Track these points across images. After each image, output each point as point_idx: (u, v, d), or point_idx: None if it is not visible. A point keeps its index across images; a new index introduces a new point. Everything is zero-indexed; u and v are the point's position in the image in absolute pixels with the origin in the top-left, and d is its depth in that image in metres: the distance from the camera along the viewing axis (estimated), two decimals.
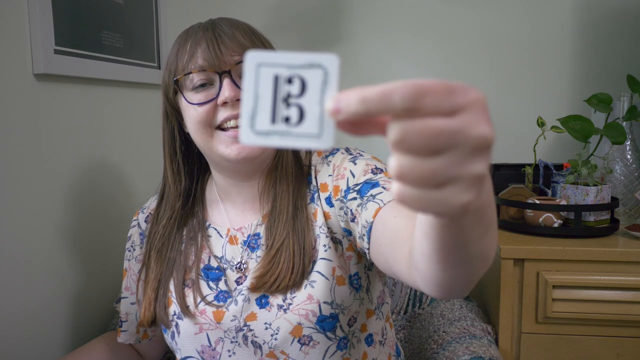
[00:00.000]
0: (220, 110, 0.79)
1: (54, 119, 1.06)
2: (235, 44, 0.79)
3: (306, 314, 0.78)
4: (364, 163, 0.82)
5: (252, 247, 0.85)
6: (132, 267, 0.95)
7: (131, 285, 0.95)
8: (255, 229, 0.86)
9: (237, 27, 0.82)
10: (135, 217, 0.97)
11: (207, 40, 0.79)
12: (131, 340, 0.96)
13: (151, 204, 0.96)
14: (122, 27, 1.28)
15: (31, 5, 0.98)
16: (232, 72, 0.79)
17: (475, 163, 0.35)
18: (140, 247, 0.94)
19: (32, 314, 1.01)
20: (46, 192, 1.04)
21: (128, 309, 0.95)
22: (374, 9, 1.73)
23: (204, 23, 0.83)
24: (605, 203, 1.28)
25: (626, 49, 1.65)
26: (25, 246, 0.99)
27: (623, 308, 1.17)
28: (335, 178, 0.83)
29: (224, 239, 0.87)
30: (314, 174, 0.87)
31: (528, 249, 1.20)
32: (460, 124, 0.34)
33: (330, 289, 0.80)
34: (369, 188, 0.77)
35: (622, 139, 1.35)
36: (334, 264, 0.81)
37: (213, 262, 0.86)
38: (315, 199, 0.84)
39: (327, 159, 0.87)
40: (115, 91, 1.27)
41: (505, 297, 1.21)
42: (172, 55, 0.83)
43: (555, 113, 1.57)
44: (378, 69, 1.75)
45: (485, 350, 1.11)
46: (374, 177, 0.79)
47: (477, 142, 0.34)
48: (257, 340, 0.80)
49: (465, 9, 1.70)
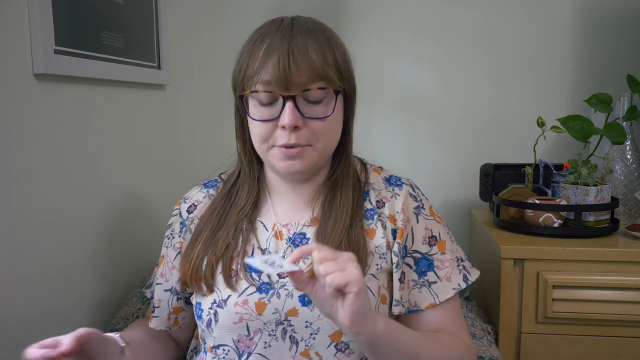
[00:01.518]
0: (278, 131, 0.81)
1: (54, 119, 1.06)
2: (307, 65, 0.78)
3: None
4: (423, 225, 0.90)
5: (296, 244, 0.88)
6: (169, 254, 0.95)
7: (166, 273, 0.95)
8: (302, 228, 0.88)
9: (314, 40, 0.80)
10: (177, 207, 0.97)
11: (279, 56, 0.77)
12: (162, 327, 0.96)
13: (194, 194, 0.97)
14: (122, 27, 1.28)
15: (31, 5, 0.98)
16: (296, 98, 0.79)
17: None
18: (179, 235, 0.95)
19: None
20: (46, 192, 1.04)
21: (161, 295, 0.95)
22: (374, 9, 1.73)
23: (283, 26, 0.81)
24: (605, 203, 1.28)
25: (626, 49, 1.65)
26: (25, 246, 0.99)
27: (623, 308, 1.17)
28: (403, 223, 0.88)
29: (270, 232, 0.89)
30: (373, 194, 0.91)
31: (528, 249, 1.20)
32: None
33: (375, 305, 0.84)
34: (426, 266, 0.88)
35: (622, 139, 1.35)
36: (380, 283, 0.86)
37: (257, 254, 0.88)
38: (374, 218, 0.88)
39: (391, 186, 0.92)
40: (115, 91, 1.27)
41: (505, 297, 1.21)
42: (245, 53, 0.83)
43: (555, 113, 1.57)
44: (378, 69, 1.75)
45: (485, 350, 1.11)
46: (430, 251, 0.89)
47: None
48: (295, 336, 0.81)
49: (465, 9, 1.70)
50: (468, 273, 0.90)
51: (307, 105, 0.80)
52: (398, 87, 1.75)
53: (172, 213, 0.98)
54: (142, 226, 1.39)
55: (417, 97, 1.75)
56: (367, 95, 1.73)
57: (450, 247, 0.91)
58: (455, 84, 1.73)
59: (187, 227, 0.94)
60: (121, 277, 1.29)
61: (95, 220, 1.19)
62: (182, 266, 0.89)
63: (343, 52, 0.86)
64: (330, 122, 0.83)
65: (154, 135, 1.46)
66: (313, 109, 0.81)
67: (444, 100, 1.74)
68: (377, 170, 0.95)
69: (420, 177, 1.78)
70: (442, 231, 0.91)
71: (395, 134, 1.77)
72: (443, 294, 0.87)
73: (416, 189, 0.94)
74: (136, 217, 1.37)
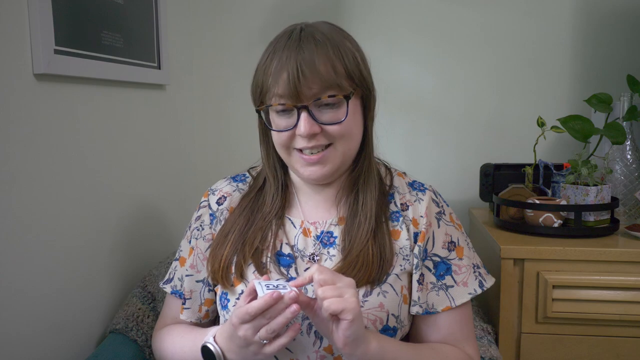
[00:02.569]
0: (298, 138, 0.85)
1: (54, 119, 1.06)
2: (316, 77, 0.80)
3: (375, 319, 0.84)
4: (444, 231, 0.93)
5: (324, 242, 0.90)
6: (199, 245, 0.97)
7: (197, 264, 0.96)
8: (329, 227, 0.92)
9: (321, 50, 0.82)
10: (205, 198, 0.99)
11: (288, 71, 0.80)
12: (193, 318, 0.97)
13: (223, 186, 1.00)
14: (122, 27, 1.28)
15: (31, 5, 0.98)
16: (309, 107, 0.82)
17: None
18: (210, 227, 0.97)
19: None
20: (46, 192, 1.04)
21: (193, 286, 0.97)
22: (374, 9, 1.73)
23: (290, 41, 0.83)
24: (605, 203, 1.28)
25: (626, 49, 1.65)
26: (25, 246, 0.99)
27: (623, 308, 1.17)
28: (425, 226, 0.92)
29: (298, 229, 0.92)
30: (398, 196, 0.94)
31: (528, 249, 1.20)
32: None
33: (398, 304, 0.87)
34: (444, 270, 0.92)
35: (622, 139, 1.35)
36: (403, 284, 0.89)
37: (285, 249, 0.91)
38: (400, 220, 0.92)
39: (415, 191, 0.96)
40: (115, 91, 1.27)
41: (505, 297, 1.21)
42: (260, 68, 0.86)
43: (555, 113, 1.57)
44: (378, 69, 1.74)
45: (485, 350, 1.11)
46: (449, 255, 0.93)
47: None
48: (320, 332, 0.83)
49: (465, 9, 1.70)
50: (484, 280, 0.94)
51: (322, 112, 0.83)
52: (398, 87, 1.75)
53: (200, 205, 1.00)
54: (141, 226, 1.39)
55: (417, 97, 1.75)
56: None
57: (467, 254, 0.94)
58: (455, 84, 1.73)
59: (218, 218, 0.96)
60: (121, 277, 1.29)
61: (95, 220, 1.19)
62: (211, 265, 0.92)
63: (353, 56, 0.86)
64: (348, 125, 0.85)
65: (154, 135, 1.46)
66: (328, 115, 0.83)
67: (444, 100, 1.74)
68: (401, 175, 0.99)
69: (421, 177, 1.77)
70: (460, 238, 0.95)
71: (395, 133, 1.77)
72: (459, 298, 0.91)
73: (438, 196, 0.98)
74: (136, 217, 1.37)
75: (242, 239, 0.91)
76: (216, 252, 0.92)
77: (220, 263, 0.89)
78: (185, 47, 1.69)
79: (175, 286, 0.99)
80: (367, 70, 0.90)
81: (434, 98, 1.74)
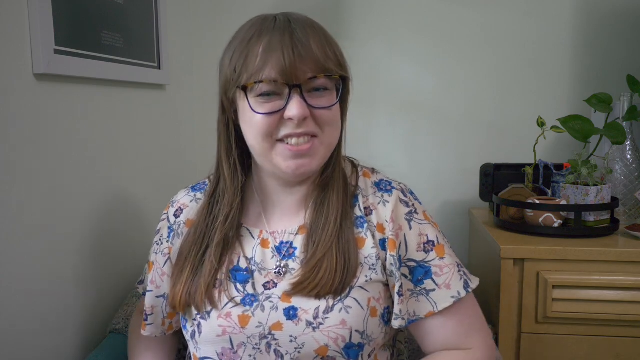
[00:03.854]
0: (283, 123, 0.78)
1: (54, 119, 1.06)
2: (311, 56, 0.77)
3: (336, 337, 0.79)
4: (417, 232, 0.86)
5: (282, 254, 0.85)
6: (158, 260, 0.93)
7: (156, 279, 0.92)
8: (289, 237, 0.86)
9: (313, 34, 0.79)
10: (166, 211, 0.95)
11: (282, 49, 0.76)
12: (157, 333, 0.94)
13: (181, 197, 0.95)
14: (122, 27, 1.28)
15: (31, 5, 0.98)
16: (302, 87, 0.77)
17: None
18: (168, 241, 0.92)
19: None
20: (46, 192, 1.04)
21: (154, 302, 0.92)
22: (374, 9, 1.73)
23: (279, 22, 0.79)
24: (605, 203, 1.28)
25: (626, 49, 1.65)
26: (25, 246, 0.99)
27: (623, 308, 1.17)
28: (393, 232, 0.84)
29: (256, 240, 0.87)
30: (361, 199, 0.88)
31: (528, 249, 1.20)
32: None
33: (364, 319, 0.81)
34: (422, 274, 0.84)
35: (622, 139, 1.35)
36: (370, 295, 0.82)
37: (242, 263, 0.86)
38: (364, 227, 0.85)
39: (380, 192, 0.88)
40: (115, 91, 1.27)
41: (505, 297, 1.21)
42: (239, 51, 0.79)
43: (555, 113, 1.57)
44: (378, 69, 1.75)
45: None
46: (427, 257, 0.85)
47: None
48: (280, 350, 0.80)
49: (465, 9, 1.70)
50: (469, 279, 0.87)
51: (312, 96, 0.79)
52: (398, 87, 1.75)
53: (161, 218, 0.95)
54: (141, 226, 1.39)
55: (417, 97, 1.75)
56: (367, 95, 1.75)
57: (449, 252, 0.87)
58: (455, 84, 1.73)
59: (175, 231, 0.92)
60: (121, 277, 1.29)
61: (95, 220, 1.19)
62: (171, 292, 0.87)
63: (339, 47, 0.84)
64: (335, 113, 0.82)
65: (154, 135, 1.46)
66: (318, 99, 0.79)
67: (444, 100, 1.74)
68: (367, 174, 0.92)
69: (420, 177, 1.79)
70: (438, 235, 0.87)
71: (395, 134, 1.77)
72: (442, 303, 0.83)
73: (408, 194, 0.90)
74: (136, 217, 1.37)
75: (200, 260, 0.85)
76: (176, 280, 0.86)
77: (180, 292, 0.85)
78: (185, 47, 1.69)
79: (146, 287, 0.96)
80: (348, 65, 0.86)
81: (434, 98, 1.74)
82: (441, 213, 1.77)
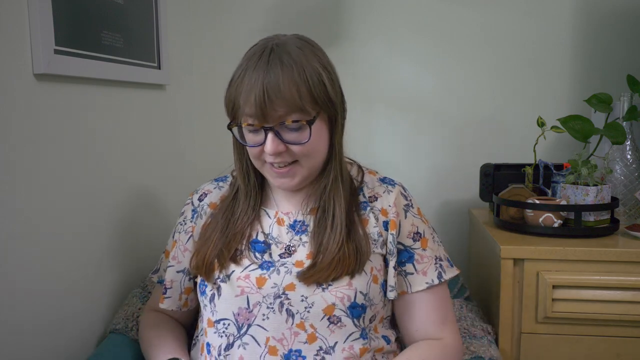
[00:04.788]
0: (266, 154, 0.89)
1: (54, 119, 1.06)
2: (281, 100, 0.84)
3: (342, 297, 0.89)
4: (410, 222, 0.99)
5: (297, 231, 0.96)
6: (181, 238, 1.04)
7: (178, 255, 1.03)
8: (302, 217, 0.97)
9: (285, 77, 0.85)
10: (190, 197, 1.07)
11: (255, 94, 0.84)
12: (173, 307, 1.03)
13: (205, 185, 1.08)
14: (122, 27, 1.28)
15: (31, 5, 0.98)
16: (275, 127, 0.87)
17: None
18: (191, 220, 1.04)
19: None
20: (46, 192, 1.04)
21: (174, 276, 1.03)
22: (374, 9, 1.73)
23: (260, 62, 0.86)
24: (605, 203, 1.28)
25: (626, 49, 1.65)
26: (26, 247, 0.99)
27: (623, 308, 1.17)
28: (394, 215, 0.97)
29: (272, 219, 0.99)
30: (366, 190, 1.00)
31: (528, 249, 1.20)
32: None
33: (367, 282, 0.92)
34: (406, 258, 0.97)
35: (622, 139, 1.35)
36: (372, 265, 0.94)
37: (260, 237, 0.97)
38: (367, 210, 0.98)
39: (385, 184, 1.01)
40: (115, 91, 1.27)
41: (505, 297, 1.21)
42: (233, 84, 0.90)
43: (555, 113, 1.57)
44: (378, 69, 1.75)
45: (485, 350, 1.11)
46: (413, 245, 0.98)
47: None
48: (291, 309, 0.89)
49: (465, 9, 1.70)
50: (443, 271, 0.99)
51: (287, 132, 0.88)
52: (398, 87, 1.75)
53: (185, 202, 1.07)
54: (141, 227, 1.39)
55: (417, 97, 1.75)
56: (367, 95, 1.76)
57: (431, 246, 0.99)
58: (455, 84, 1.73)
59: (199, 213, 1.03)
60: (121, 277, 1.29)
61: (94, 221, 1.19)
62: (195, 262, 0.97)
63: (319, 78, 0.88)
64: (311, 145, 0.89)
65: (154, 135, 1.46)
66: (293, 135, 0.88)
67: (444, 100, 1.74)
68: (372, 172, 1.05)
69: (420, 176, 1.79)
70: (426, 231, 1.00)
71: (395, 133, 1.77)
72: (416, 286, 0.96)
73: (406, 191, 1.03)
74: (135, 218, 1.37)
75: (222, 238, 0.96)
76: (200, 251, 0.97)
77: (204, 261, 0.95)
78: (185, 47, 1.69)
79: (161, 276, 1.07)
80: (335, 89, 0.91)
81: (434, 98, 1.74)
82: (441, 213, 1.77)
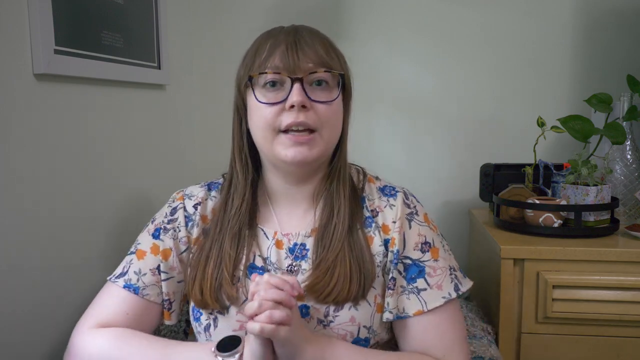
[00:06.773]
0: (285, 114, 0.82)
1: (54, 119, 1.06)
2: (313, 53, 0.83)
3: (345, 334, 0.83)
4: (416, 232, 0.89)
5: (296, 256, 0.89)
6: (175, 246, 0.93)
7: (177, 265, 0.92)
8: (303, 239, 0.89)
9: (317, 38, 0.86)
10: (181, 201, 0.96)
11: (286, 44, 0.83)
12: (177, 319, 0.95)
13: (198, 192, 0.96)
14: (122, 27, 1.28)
15: (31, 5, 0.98)
16: (304, 80, 0.82)
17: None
18: (186, 229, 0.93)
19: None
20: (46, 192, 1.04)
21: (174, 288, 0.92)
22: (374, 9, 1.73)
23: (287, 27, 0.87)
24: (605, 203, 1.28)
25: (626, 49, 1.65)
26: (26, 246, 0.99)
27: (623, 308, 1.17)
28: (396, 231, 0.88)
29: (271, 241, 0.90)
30: (367, 202, 0.92)
31: (528, 249, 1.20)
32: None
33: (371, 315, 0.85)
34: (416, 273, 0.87)
35: (622, 139, 1.35)
36: (377, 292, 0.86)
37: (258, 261, 0.88)
38: (372, 227, 0.89)
39: (385, 196, 0.92)
40: (115, 91, 1.27)
41: (505, 297, 1.21)
42: (250, 52, 0.87)
43: (555, 113, 1.57)
44: (378, 69, 1.75)
45: (485, 350, 1.11)
46: (422, 257, 0.88)
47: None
48: None
49: (465, 9, 1.70)
50: (460, 283, 0.89)
51: (313, 90, 0.83)
52: (398, 87, 1.75)
53: (173, 206, 0.96)
54: (141, 227, 1.39)
55: (417, 97, 1.75)
56: (367, 95, 1.75)
57: (443, 255, 0.89)
58: (455, 84, 1.73)
59: (194, 221, 0.93)
60: None
61: (94, 220, 1.19)
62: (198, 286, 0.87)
63: (342, 55, 0.90)
64: (335, 109, 0.85)
65: (154, 135, 1.46)
66: (319, 93, 0.83)
67: (444, 100, 1.74)
68: (372, 180, 0.96)
69: (420, 177, 1.79)
70: (435, 239, 0.90)
71: (395, 134, 1.77)
72: (432, 302, 0.85)
73: (410, 197, 0.93)
74: (135, 218, 1.37)
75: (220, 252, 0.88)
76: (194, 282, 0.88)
77: (201, 294, 0.86)
78: (185, 47, 1.69)
79: (130, 280, 0.91)
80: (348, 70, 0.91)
81: (434, 98, 1.74)
82: (441, 213, 1.77)
